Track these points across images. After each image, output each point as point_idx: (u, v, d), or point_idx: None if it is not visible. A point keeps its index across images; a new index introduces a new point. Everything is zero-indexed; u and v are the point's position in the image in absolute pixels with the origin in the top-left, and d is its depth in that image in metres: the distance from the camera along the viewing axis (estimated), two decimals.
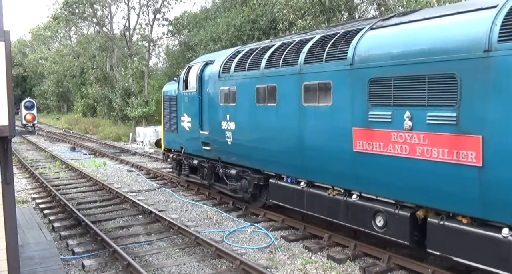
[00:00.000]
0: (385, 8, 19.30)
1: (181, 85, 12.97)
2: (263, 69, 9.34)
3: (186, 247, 8.67)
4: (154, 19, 35.19)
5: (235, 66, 10.33)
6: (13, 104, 5.17)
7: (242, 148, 10.18)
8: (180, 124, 13.09)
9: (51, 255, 7.59)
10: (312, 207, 8.46)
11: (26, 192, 14.23)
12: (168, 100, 14.18)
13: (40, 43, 65.63)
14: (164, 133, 14.74)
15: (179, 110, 13.10)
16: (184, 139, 12.98)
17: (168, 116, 14.19)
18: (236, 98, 10.19)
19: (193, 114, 12.24)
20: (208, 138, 11.50)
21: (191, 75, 12.40)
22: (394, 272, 7.30)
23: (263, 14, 24.10)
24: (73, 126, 42.32)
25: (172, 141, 14.07)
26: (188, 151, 12.91)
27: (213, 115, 11.19)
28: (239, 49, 11.03)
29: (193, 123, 12.26)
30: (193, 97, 12.16)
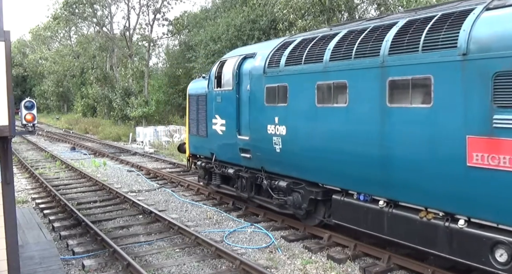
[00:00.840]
0: (385, 8, 19.31)
1: (212, 82, 11.36)
2: (326, 62, 7.73)
3: (186, 247, 8.67)
4: (154, 19, 35.22)
5: (287, 59, 8.75)
6: (13, 104, 5.18)
7: (295, 157, 8.55)
8: (210, 127, 11.46)
9: (51, 255, 7.59)
10: (395, 232, 6.78)
11: (26, 192, 14.23)
12: (195, 100, 12.46)
13: (40, 43, 65.67)
14: (189, 137, 13.09)
15: (210, 112, 11.47)
16: (216, 144, 11.37)
17: (195, 118, 12.53)
18: (288, 98, 8.62)
19: (228, 116, 10.65)
20: (248, 144, 9.88)
21: (225, 71, 10.78)
22: (394, 272, 7.29)
23: (263, 14, 24.10)
24: (73, 126, 42.33)
25: (200, 146, 12.46)
26: (221, 158, 11.29)
27: (256, 118, 9.60)
28: (288, 40, 9.41)
29: (228, 126, 10.67)
30: (229, 97, 10.56)
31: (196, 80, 13.74)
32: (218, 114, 11.11)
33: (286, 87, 8.70)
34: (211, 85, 11.45)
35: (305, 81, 8.26)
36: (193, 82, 13.55)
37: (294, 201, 8.93)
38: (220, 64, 11.22)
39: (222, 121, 10.96)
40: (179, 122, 32.08)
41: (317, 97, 7.99)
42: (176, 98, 35.32)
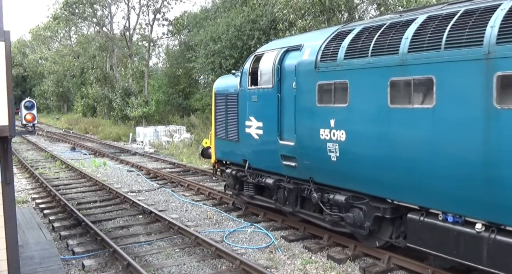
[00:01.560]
0: (385, 8, 19.31)
1: (245, 80, 10.05)
2: (404, 54, 6.47)
3: (186, 247, 8.67)
4: (154, 19, 35.21)
5: (347, 51, 7.42)
6: (13, 104, 5.18)
7: (357, 167, 7.25)
8: (243, 130, 10.13)
9: (51, 255, 7.59)
10: (499, 263, 5.61)
11: (26, 192, 14.23)
12: (224, 99, 11.14)
13: (40, 43, 65.67)
14: (215, 141, 11.69)
15: (242, 113, 10.15)
16: (250, 150, 10.03)
17: (223, 120, 11.19)
18: (349, 97, 7.29)
19: (266, 118, 9.35)
20: (293, 151, 8.55)
21: (262, 66, 9.50)
22: (394, 272, 7.30)
23: (263, 14, 24.09)
24: (73, 126, 42.34)
25: (229, 151, 11.10)
26: (256, 166, 10.00)
27: (304, 121, 8.23)
28: (343, 29, 7.99)
29: (266, 129, 9.37)
30: (267, 96, 9.27)
31: (224, 77, 12.38)
32: (253, 115, 9.77)
33: (346, 85, 7.34)
34: (244, 82, 10.12)
35: (373, 77, 6.94)
36: (221, 79, 12.17)
37: (354, 219, 7.56)
38: (254, 59, 9.96)
39: (258, 123, 9.61)
40: (179, 122, 32.09)
41: (390, 96, 6.65)
42: (176, 98, 35.31)
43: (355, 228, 7.69)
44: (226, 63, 24.44)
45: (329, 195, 8.02)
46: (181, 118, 33.18)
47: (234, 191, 11.11)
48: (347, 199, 7.65)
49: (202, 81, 34.38)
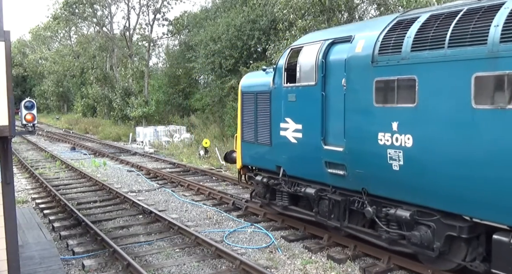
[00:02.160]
0: (385, 8, 19.29)
1: (280, 76, 8.96)
2: (494, 44, 5.44)
3: (186, 247, 8.67)
4: (154, 19, 35.21)
5: (415, 42, 6.39)
6: (13, 104, 5.18)
7: (427, 177, 6.24)
8: (277, 133, 9.09)
9: (51, 255, 7.60)
10: None
11: (26, 192, 14.23)
12: (253, 98, 10.06)
13: (40, 43, 65.68)
14: (242, 145, 10.63)
15: (276, 113, 9.11)
16: (286, 156, 8.98)
17: (252, 121, 10.10)
18: (418, 96, 6.27)
19: (306, 119, 8.30)
20: (342, 157, 7.48)
21: (302, 61, 8.42)
22: (394, 272, 7.30)
23: (263, 14, 24.08)
24: (73, 126, 42.35)
25: (259, 157, 10.04)
26: (293, 173, 8.92)
27: (357, 123, 7.23)
28: (403, 18, 6.97)
29: (306, 133, 8.30)
30: (309, 94, 8.22)
31: (252, 73, 11.42)
32: (290, 117, 8.70)
33: (414, 81, 6.32)
34: (278, 79, 9.02)
35: (450, 72, 5.97)
36: (249, 76, 11.11)
37: (421, 238, 6.51)
38: (291, 53, 8.88)
39: (296, 126, 8.53)
40: (179, 122, 32.09)
41: (474, 95, 5.65)
42: (176, 98, 35.31)
43: (422, 249, 6.64)
44: (226, 63, 24.44)
45: (387, 209, 6.93)
46: (181, 118, 33.18)
47: (265, 200, 9.98)
48: (412, 214, 6.58)
49: (202, 81, 34.39)
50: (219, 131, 25.72)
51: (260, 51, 24.68)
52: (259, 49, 24.60)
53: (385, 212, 6.99)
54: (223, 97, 25.83)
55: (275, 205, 9.76)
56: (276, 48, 20.83)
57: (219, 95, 26.41)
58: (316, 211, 8.46)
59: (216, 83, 26.67)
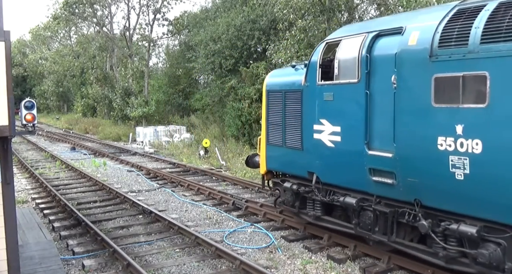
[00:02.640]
0: (385, 8, 19.29)
1: (314, 73, 8.11)
2: None
3: (186, 247, 8.68)
4: (154, 19, 35.21)
5: (485, 32, 5.64)
6: (13, 104, 5.18)
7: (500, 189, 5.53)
8: (309, 136, 8.26)
9: (51, 255, 7.60)
10: None
11: (26, 192, 14.23)
12: (280, 97, 9.18)
13: (40, 43, 65.68)
14: (267, 148, 9.76)
15: (309, 114, 8.27)
16: (321, 161, 8.14)
17: (279, 122, 9.23)
18: (489, 95, 5.51)
19: (346, 120, 7.49)
20: (391, 164, 6.71)
21: (341, 56, 7.64)
22: (394, 272, 7.31)
23: (263, 14, 24.09)
24: (73, 126, 42.35)
25: (287, 161, 9.20)
26: (329, 180, 8.10)
27: (410, 125, 6.43)
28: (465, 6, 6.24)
29: (346, 136, 7.51)
30: (349, 93, 7.42)
31: (280, 70, 10.50)
32: (326, 118, 7.88)
33: (485, 78, 5.57)
34: (312, 77, 8.17)
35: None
36: (276, 73, 10.20)
37: (490, 257, 5.72)
38: (327, 47, 8.10)
39: (334, 128, 7.72)
40: (179, 122, 32.09)
41: None
42: (176, 98, 35.31)
43: (489, 269, 5.90)
44: (226, 63, 24.45)
45: (447, 224, 6.17)
46: (181, 118, 33.18)
47: (293, 209, 9.17)
48: (479, 230, 5.78)
49: (202, 81, 34.38)
50: (219, 131, 25.72)
51: (260, 51, 24.68)
52: (259, 49, 24.61)
53: (443, 226, 6.20)
54: (223, 97, 25.84)
55: (305, 214, 8.87)
56: (276, 48, 20.84)
57: (219, 95, 26.41)
58: (356, 222, 7.55)
59: (216, 83, 26.67)
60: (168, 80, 36.20)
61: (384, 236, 7.11)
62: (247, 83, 23.52)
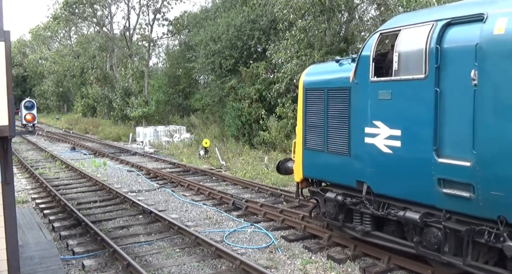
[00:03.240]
0: (385, 8, 19.30)
1: (365, 68, 7.11)
2: None
3: (186, 247, 8.67)
4: (154, 19, 35.22)
5: None
6: (13, 104, 5.18)
7: None
8: (359, 140, 7.25)
9: (51, 255, 7.60)
10: None
11: (26, 192, 14.23)
12: (321, 96, 8.14)
13: (40, 43, 65.69)
14: (304, 153, 8.65)
15: (359, 115, 7.27)
16: (374, 168, 7.11)
17: (319, 124, 8.19)
18: None
19: (409, 123, 6.49)
20: (469, 174, 5.76)
21: (402, 48, 6.66)
22: (394, 272, 7.30)
23: (263, 14, 24.10)
24: (73, 126, 42.35)
25: (330, 168, 8.09)
26: (384, 191, 7.03)
27: (499, 130, 5.50)
28: None
29: (408, 140, 6.50)
30: (413, 91, 6.42)
31: (320, 65, 9.48)
32: (381, 119, 6.88)
33: None
34: (363, 72, 7.17)
35: None
36: (314, 68, 9.12)
37: None
38: (381, 39, 7.14)
39: (391, 131, 6.72)
40: (179, 122, 32.09)
41: None
42: (176, 98, 35.32)
43: None
44: (226, 63, 24.46)
45: None
46: (181, 118, 33.18)
47: (336, 222, 8.05)
48: None
49: (202, 81, 34.39)
50: (219, 131, 25.73)
51: (260, 51, 24.70)
52: (259, 49, 24.62)
53: None
54: (223, 97, 25.85)
55: (352, 229, 7.81)
56: (276, 48, 20.86)
57: (219, 95, 26.42)
58: (418, 241, 6.53)
59: (216, 83, 26.68)
60: (168, 80, 36.21)
61: (456, 258, 6.09)
62: (247, 83, 23.53)
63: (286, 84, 20.23)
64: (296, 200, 11.28)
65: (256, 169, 16.81)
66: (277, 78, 21.06)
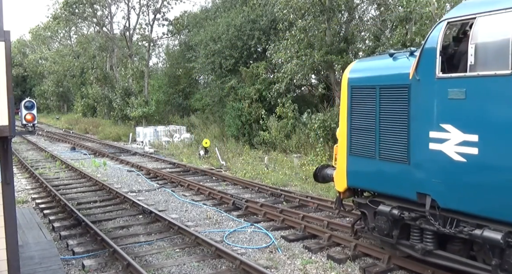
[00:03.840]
0: (385, 8, 19.30)
1: (430, 62, 6.17)
2: None
3: (186, 247, 8.68)
4: (154, 19, 35.21)
5: None
6: (13, 104, 5.18)
7: None
8: (423, 146, 6.30)
9: (51, 255, 7.60)
10: None
11: (26, 192, 14.23)
12: (372, 94, 7.17)
13: (40, 43, 65.66)
14: (349, 159, 7.66)
15: (421, 117, 6.35)
16: (441, 179, 6.16)
17: (369, 127, 7.21)
18: None
19: (492, 127, 5.60)
20: None
21: (480, 39, 5.77)
22: (394, 272, 7.30)
23: (263, 14, 24.11)
24: (73, 126, 42.35)
25: (383, 177, 7.07)
26: (454, 206, 6.09)
27: None
28: None
29: (488, 147, 5.61)
30: (495, 89, 5.57)
31: (368, 59, 8.52)
32: (451, 122, 5.98)
33: None
34: (427, 67, 6.25)
35: None
36: (362, 62, 8.13)
37: None
38: (448, 28, 6.29)
39: (466, 136, 5.80)
40: (179, 122, 32.09)
41: None
42: (176, 98, 35.32)
43: None
44: (226, 63, 24.46)
45: None
46: (181, 118, 33.18)
47: (389, 239, 7.07)
48: None
49: (202, 81, 34.39)
50: (219, 131, 25.73)
51: (260, 51, 24.71)
52: (259, 49, 24.63)
53: None
54: (223, 97, 25.85)
55: (409, 247, 6.83)
56: (276, 48, 20.86)
57: (219, 95, 26.42)
58: (497, 263, 5.67)
59: (216, 83, 26.68)
60: (168, 80, 36.21)
61: None
62: (247, 83, 23.53)
63: (286, 84, 20.24)
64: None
65: (256, 169, 16.81)
66: (277, 78, 21.07)
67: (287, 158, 18.56)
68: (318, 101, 22.24)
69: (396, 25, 17.76)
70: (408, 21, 16.61)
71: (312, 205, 11.42)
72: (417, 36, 15.55)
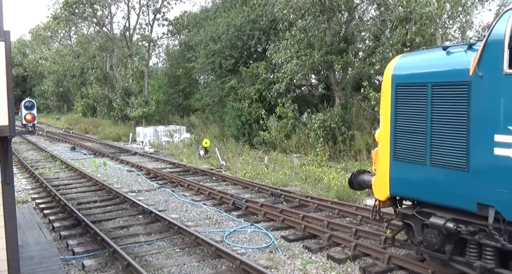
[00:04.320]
0: (385, 8, 19.30)
1: (495, 56, 5.49)
2: None
3: (186, 247, 8.68)
4: (154, 19, 35.20)
5: None
6: (13, 104, 5.18)
7: None
8: (487, 151, 5.58)
9: (51, 255, 7.60)
10: None
11: (26, 192, 14.23)
12: (421, 93, 6.43)
13: (40, 43, 65.65)
14: (393, 165, 6.88)
15: (484, 118, 5.61)
16: (508, 189, 5.39)
17: (418, 129, 6.45)
18: None
19: None
20: None
21: None
22: (394, 272, 7.30)
23: (263, 14, 24.12)
24: (73, 126, 42.36)
25: (435, 186, 6.26)
26: None
27: None
28: None
29: None
30: None
31: (416, 54, 7.59)
32: None
33: None
34: (491, 62, 5.54)
35: None
36: (409, 57, 7.32)
37: None
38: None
39: None
40: (179, 122, 32.09)
41: None
42: (176, 98, 35.33)
43: None
44: (226, 63, 24.46)
45: None
46: (181, 118, 33.18)
47: (441, 255, 6.32)
48: None
49: (202, 81, 34.40)
50: (219, 131, 25.73)
51: (260, 51, 24.72)
52: (259, 49, 24.64)
53: None
54: (223, 97, 25.85)
55: (465, 264, 6.09)
56: (276, 48, 20.86)
57: (219, 95, 26.42)
58: None
59: (216, 83, 26.69)
60: (168, 80, 36.22)
61: None
62: (247, 83, 23.54)
63: (286, 84, 20.25)
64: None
65: (256, 169, 16.82)
66: (277, 78, 21.08)
67: (287, 158, 18.57)
68: (318, 101, 22.25)
69: (396, 25, 17.76)
70: (408, 21, 16.62)
71: (312, 205, 11.43)
72: (417, 36, 15.54)
